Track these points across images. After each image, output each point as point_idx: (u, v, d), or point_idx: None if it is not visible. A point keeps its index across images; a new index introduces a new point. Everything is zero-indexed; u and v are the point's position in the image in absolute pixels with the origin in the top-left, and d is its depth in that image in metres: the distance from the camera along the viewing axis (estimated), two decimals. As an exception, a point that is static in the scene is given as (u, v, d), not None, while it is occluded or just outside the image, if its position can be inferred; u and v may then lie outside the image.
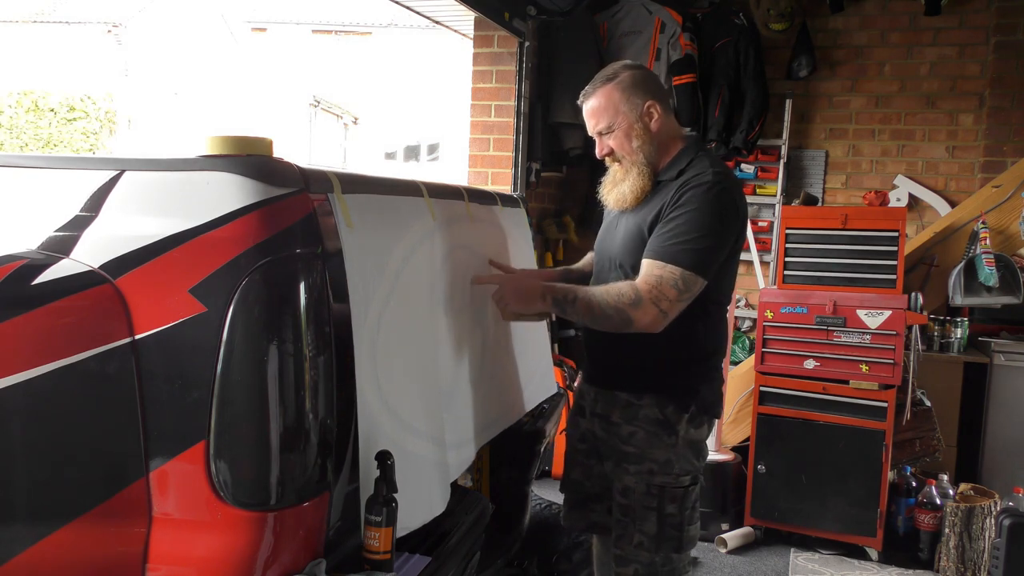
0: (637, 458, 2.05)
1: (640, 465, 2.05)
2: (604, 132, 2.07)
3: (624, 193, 2.06)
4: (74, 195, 1.38)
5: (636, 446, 2.06)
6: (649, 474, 2.03)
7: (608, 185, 2.13)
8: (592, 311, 1.92)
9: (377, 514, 1.39)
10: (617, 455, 2.09)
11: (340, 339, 1.40)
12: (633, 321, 1.88)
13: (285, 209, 1.32)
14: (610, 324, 1.92)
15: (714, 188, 1.93)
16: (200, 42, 14.86)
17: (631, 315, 1.87)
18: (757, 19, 4.56)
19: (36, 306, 1.26)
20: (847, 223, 3.55)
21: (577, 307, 1.94)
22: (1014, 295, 3.74)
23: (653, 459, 2.04)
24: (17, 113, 11.86)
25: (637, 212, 2.07)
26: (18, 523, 1.27)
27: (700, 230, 1.89)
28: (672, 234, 1.90)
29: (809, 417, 3.52)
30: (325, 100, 16.61)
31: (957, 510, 3.28)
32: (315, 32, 17.78)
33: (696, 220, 1.90)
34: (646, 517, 2.03)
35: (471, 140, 4.36)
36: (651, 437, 2.05)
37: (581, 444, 2.26)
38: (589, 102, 2.08)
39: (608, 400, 2.12)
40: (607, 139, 2.08)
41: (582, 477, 2.27)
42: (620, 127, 2.05)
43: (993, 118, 4.37)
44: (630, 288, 1.89)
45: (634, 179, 2.05)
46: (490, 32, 4.24)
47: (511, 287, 2.00)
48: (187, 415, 1.26)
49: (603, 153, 2.11)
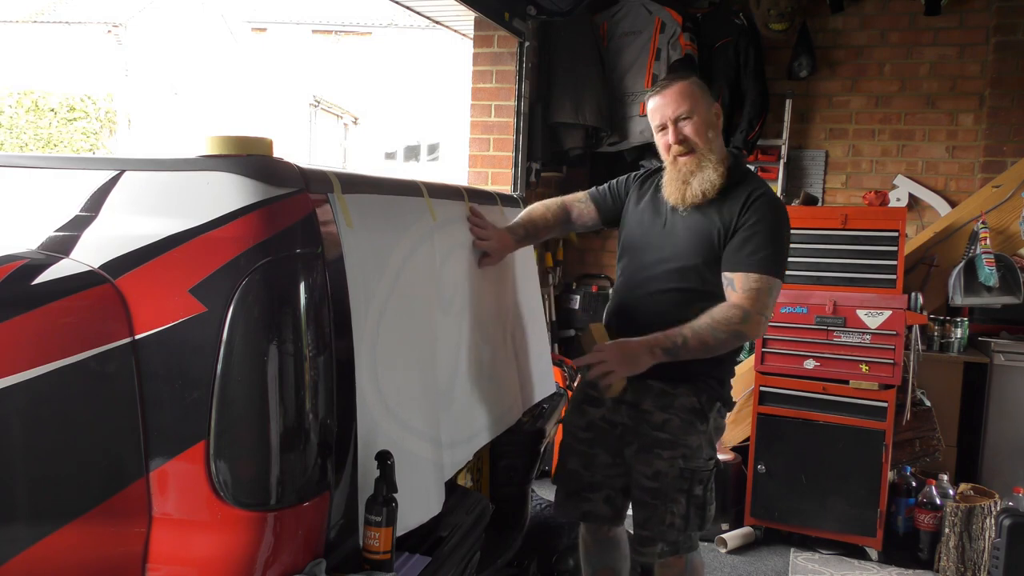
0: (670, 444, 2.16)
1: (674, 451, 2.16)
2: (684, 117, 2.13)
3: (696, 189, 2.12)
4: (74, 195, 1.38)
5: (670, 433, 2.16)
6: (683, 459, 2.16)
7: (675, 182, 2.16)
8: (706, 344, 2.03)
9: (377, 514, 1.39)
10: (646, 441, 2.18)
11: (340, 339, 1.40)
12: (746, 335, 2.07)
13: (285, 209, 1.32)
14: (725, 347, 2.08)
15: (775, 201, 2.16)
16: (200, 42, 14.85)
17: (744, 331, 2.05)
18: (757, 19, 4.56)
19: (36, 306, 1.26)
20: (847, 223, 3.55)
21: (690, 347, 2.02)
22: (1014, 295, 3.74)
23: (687, 445, 2.16)
24: (17, 113, 11.85)
25: (699, 215, 2.14)
26: (18, 523, 1.27)
27: (776, 241, 2.10)
28: (755, 247, 2.07)
29: (809, 417, 3.52)
30: (325, 100, 16.60)
31: (957, 510, 3.28)
32: (315, 32, 17.77)
33: (771, 232, 2.09)
34: (677, 499, 2.16)
35: (471, 140, 4.36)
36: (686, 424, 2.17)
37: (585, 433, 2.31)
38: (668, 89, 2.16)
39: (640, 389, 2.17)
40: (684, 125, 2.14)
41: (579, 467, 2.32)
42: (699, 115, 2.14)
43: (993, 118, 4.36)
44: (735, 309, 2.04)
45: (710, 174, 2.12)
46: (490, 32, 4.24)
47: (616, 356, 2.01)
48: (187, 415, 1.26)
49: (677, 139, 2.14)
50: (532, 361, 2.47)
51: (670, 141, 2.16)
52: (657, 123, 2.20)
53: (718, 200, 2.14)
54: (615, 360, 2.01)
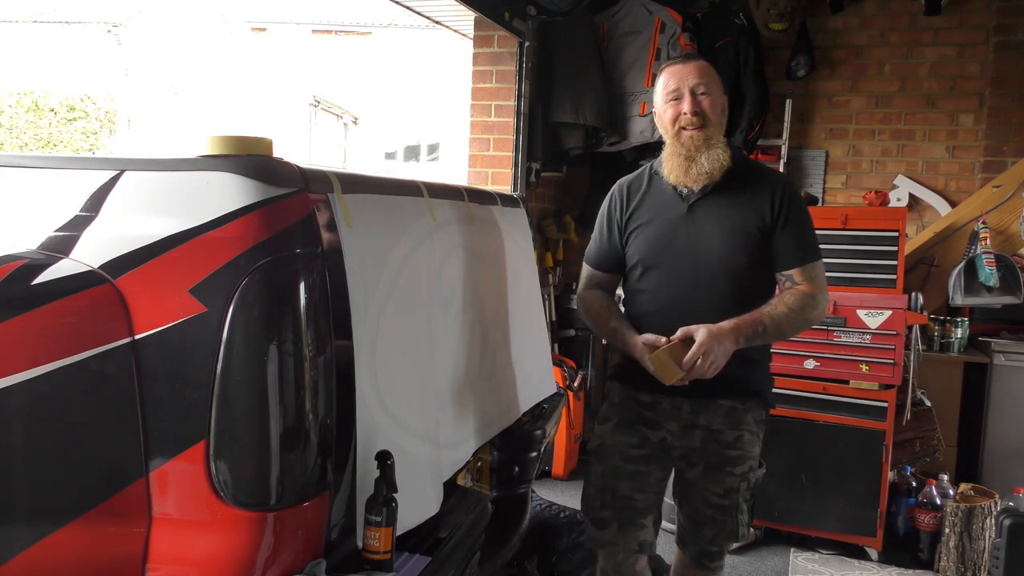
0: (740, 460, 2.13)
1: (744, 465, 2.13)
2: (703, 92, 2.07)
3: (705, 166, 2.03)
4: (74, 195, 1.38)
5: (741, 448, 2.12)
6: (750, 471, 2.14)
7: (677, 158, 2.07)
8: (783, 331, 2.03)
9: (377, 514, 1.38)
10: (716, 460, 2.13)
11: (340, 339, 1.40)
12: (816, 321, 2.09)
13: (285, 209, 1.32)
14: (796, 333, 2.11)
15: (790, 182, 2.21)
16: (200, 42, 14.85)
17: (816, 317, 2.06)
18: (757, 19, 4.56)
19: (36, 306, 1.26)
20: (847, 223, 3.55)
21: (768, 334, 2.02)
22: (1014, 295, 3.74)
23: (752, 456, 2.15)
24: (17, 113, 11.85)
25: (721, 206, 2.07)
26: (18, 523, 1.27)
27: (811, 222, 2.11)
28: (801, 237, 2.07)
29: (809, 417, 3.52)
30: (325, 100, 16.59)
31: (957, 510, 3.28)
32: (315, 32, 17.76)
33: (806, 215, 2.10)
34: (743, 509, 2.14)
35: (471, 140, 4.36)
36: (753, 437, 2.15)
37: (639, 451, 2.17)
38: (691, 62, 2.12)
39: (710, 409, 2.11)
40: (703, 98, 2.07)
41: (632, 491, 2.17)
42: (715, 94, 2.09)
43: (993, 118, 4.37)
44: (807, 297, 2.03)
45: (719, 153, 2.05)
46: (490, 32, 4.24)
47: (720, 349, 1.93)
48: (187, 415, 1.26)
49: (694, 109, 2.05)
50: (532, 361, 2.47)
51: (685, 110, 2.06)
52: (672, 88, 2.09)
53: (735, 189, 2.08)
54: (720, 351, 1.93)
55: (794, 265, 2.06)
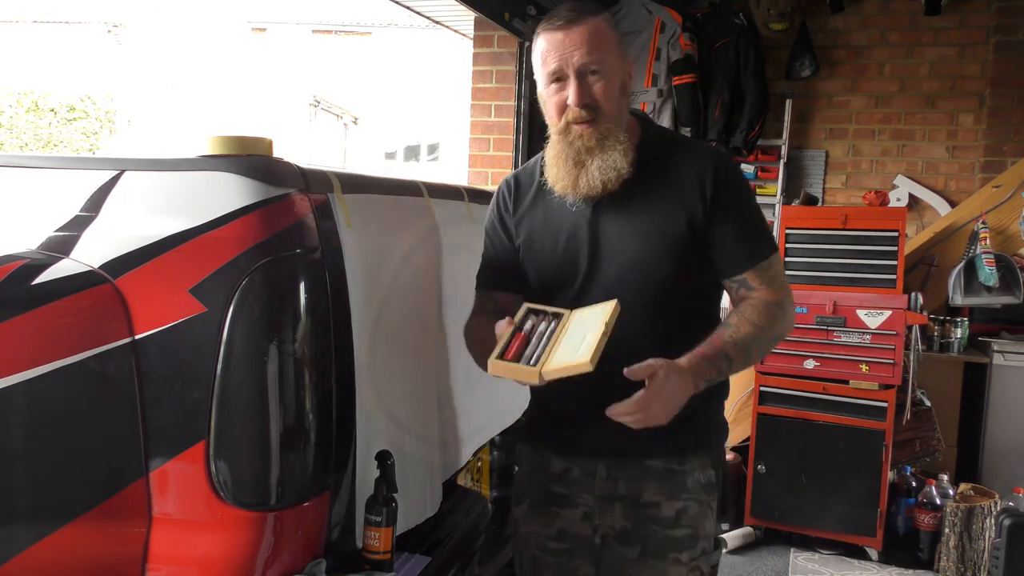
0: (690, 541, 1.60)
1: (693, 549, 1.60)
2: (593, 70, 1.50)
3: (596, 177, 1.52)
4: (74, 195, 1.38)
5: (688, 525, 1.60)
6: (703, 555, 1.61)
7: (563, 162, 1.55)
8: (750, 358, 1.55)
9: (377, 514, 1.39)
10: (655, 543, 1.59)
11: (340, 339, 1.40)
12: (787, 334, 1.62)
13: (285, 209, 1.32)
14: (766, 354, 1.77)
15: (724, 156, 1.64)
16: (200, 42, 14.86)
17: (784, 330, 1.60)
18: (757, 19, 4.56)
19: (36, 306, 1.26)
20: (847, 223, 3.55)
21: (735, 366, 1.51)
22: (1014, 295, 3.74)
23: (706, 535, 1.62)
24: (17, 113, 11.86)
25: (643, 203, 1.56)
26: (18, 523, 1.27)
27: (756, 204, 1.64)
28: (747, 229, 1.58)
29: (809, 417, 3.52)
30: (325, 100, 16.59)
31: (957, 510, 3.28)
32: (315, 32, 17.76)
33: (750, 198, 1.63)
34: None
35: (471, 140, 4.37)
36: (703, 508, 1.62)
37: (557, 543, 1.68)
38: (576, 26, 1.50)
39: (634, 475, 1.60)
40: (594, 81, 1.51)
41: None
42: (611, 70, 1.52)
43: (993, 118, 4.37)
44: (770, 306, 1.55)
45: (615, 158, 1.52)
46: (490, 32, 4.24)
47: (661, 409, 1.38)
48: (187, 415, 1.26)
49: (581, 100, 1.50)
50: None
51: (569, 101, 1.51)
52: (552, 70, 1.52)
53: (652, 177, 1.57)
54: (661, 413, 1.39)
55: (745, 267, 1.56)
